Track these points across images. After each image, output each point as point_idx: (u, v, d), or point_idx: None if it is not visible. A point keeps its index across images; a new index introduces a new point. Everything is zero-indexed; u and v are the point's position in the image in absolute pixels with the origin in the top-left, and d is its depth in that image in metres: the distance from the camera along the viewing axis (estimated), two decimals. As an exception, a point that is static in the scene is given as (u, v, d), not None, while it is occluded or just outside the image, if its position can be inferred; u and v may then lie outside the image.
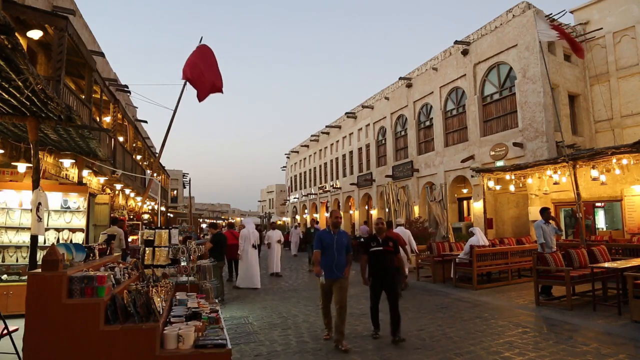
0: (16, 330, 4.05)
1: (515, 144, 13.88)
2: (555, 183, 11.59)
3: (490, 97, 15.62)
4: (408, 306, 7.51)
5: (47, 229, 7.09)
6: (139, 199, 16.65)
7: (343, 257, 5.38)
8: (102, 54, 12.47)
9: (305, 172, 36.62)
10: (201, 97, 9.85)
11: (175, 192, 47.56)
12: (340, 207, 28.85)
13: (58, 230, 7.58)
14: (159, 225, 11.75)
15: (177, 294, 4.83)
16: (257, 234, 11.36)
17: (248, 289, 10.03)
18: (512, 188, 12.81)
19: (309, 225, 23.12)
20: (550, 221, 8.34)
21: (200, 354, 3.09)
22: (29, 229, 5.87)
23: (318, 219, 30.13)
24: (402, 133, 21.19)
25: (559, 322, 6.17)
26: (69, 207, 7.73)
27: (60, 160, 8.07)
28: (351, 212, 27.41)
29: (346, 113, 27.05)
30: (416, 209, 18.51)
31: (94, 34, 12.86)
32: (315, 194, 33.00)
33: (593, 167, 9.94)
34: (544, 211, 8.39)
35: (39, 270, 3.22)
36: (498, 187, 13.21)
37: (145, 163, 19.69)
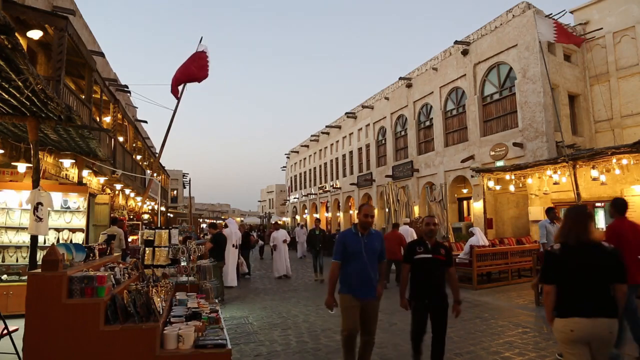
0: (16, 330, 4.05)
1: (515, 144, 13.88)
2: (555, 183, 11.59)
3: (490, 97, 15.62)
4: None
5: (48, 229, 7.09)
6: (139, 199, 16.65)
7: (376, 270, 3.96)
8: (102, 54, 12.47)
9: (305, 172, 36.62)
10: (175, 90, 10.08)
11: (175, 192, 47.57)
12: (340, 207, 28.84)
13: (58, 230, 7.58)
14: (159, 225, 11.76)
15: (177, 294, 4.83)
16: (240, 233, 11.36)
17: (248, 289, 10.03)
18: (512, 188, 12.81)
19: (310, 225, 22.50)
20: (555, 221, 8.31)
21: (200, 354, 3.09)
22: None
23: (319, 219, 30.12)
24: (402, 133, 21.19)
25: (559, 322, 6.17)
26: (69, 207, 7.73)
27: (60, 160, 8.07)
28: (351, 212, 27.42)
29: (346, 113, 27.05)
30: (416, 209, 18.51)
31: (94, 34, 12.86)
32: (315, 194, 33.00)
33: (593, 167, 9.94)
34: (550, 211, 8.36)
35: (39, 270, 3.22)
36: (498, 187, 13.21)
37: (145, 163, 19.70)
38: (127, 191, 14.66)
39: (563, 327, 2.71)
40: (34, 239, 5.08)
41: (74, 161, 8.24)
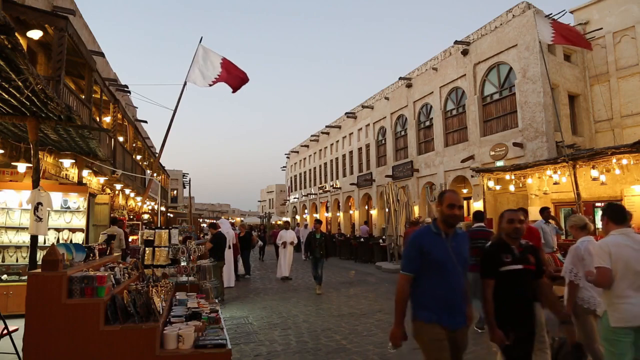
0: (16, 330, 4.05)
1: (515, 144, 13.89)
2: (555, 183, 11.58)
3: (490, 97, 15.62)
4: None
5: (47, 229, 7.09)
6: (139, 199, 16.65)
7: (465, 285, 2.82)
8: (102, 54, 12.47)
9: (305, 172, 36.62)
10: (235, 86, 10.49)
11: (175, 192, 47.58)
12: (340, 207, 28.85)
13: (58, 230, 7.59)
14: (159, 225, 11.76)
15: (177, 294, 4.84)
16: (233, 233, 11.30)
17: (248, 289, 10.02)
18: (512, 188, 12.81)
19: (307, 226, 20.63)
20: (550, 221, 8.33)
21: (200, 354, 3.09)
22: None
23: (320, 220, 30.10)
24: (402, 133, 21.19)
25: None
26: (69, 207, 7.73)
27: (60, 160, 8.07)
28: (351, 212, 27.42)
29: (346, 113, 27.05)
30: (416, 209, 18.52)
31: (94, 34, 12.86)
32: (315, 194, 33.01)
33: (593, 167, 9.94)
34: (544, 211, 8.37)
35: (39, 270, 3.22)
36: (498, 187, 13.20)
37: (145, 163, 19.70)
38: (127, 191, 14.66)
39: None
40: (34, 239, 5.08)
41: (74, 161, 8.24)
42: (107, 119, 12.33)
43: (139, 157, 18.05)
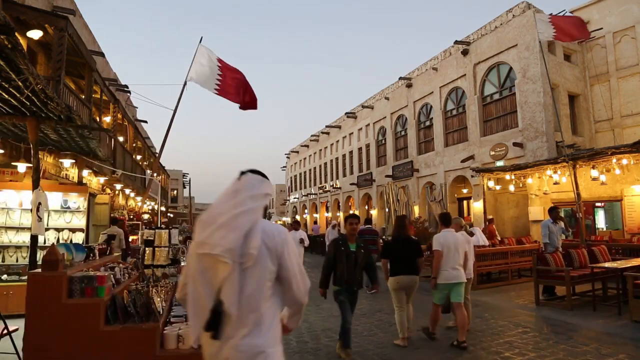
0: (16, 330, 4.05)
1: (515, 144, 13.88)
2: (555, 183, 11.59)
3: (490, 97, 15.62)
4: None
5: (47, 229, 7.09)
6: (139, 199, 16.65)
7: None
8: (102, 54, 12.47)
9: (305, 172, 36.62)
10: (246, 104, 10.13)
11: (175, 192, 47.57)
12: (340, 207, 28.85)
13: (58, 230, 7.58)
14: (159, 225, 11.76)
15: (177, 294, 4.82)
16: None
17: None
18: (512, 188, 12.81)
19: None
20: (558, 221, 8.31)
21: (200, 354, 3.08)
22: (29, 229, 5.87)
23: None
24: (402, 133, 21.19)
25: (559, 322, 6.17)
26: (69, 207, 7.73)
27: (60, 160, 8.07)
28: (351, 212, 27.43)
29: (346, 113, 27.05)
30: (416, 209, 18.51)
31: (94, 34, 12.86)
32: (315, 194, 33.00)
33: (593, 167, 9.94)
34: (552, 210, 8.35)
35: (39, 270, 3.22)
36: (498, 187, 13.21)
37: (145, 163, 19.69)
38: (127, 191, 14.66)
39: (393, 281, 5.23)
40: (34, 239, 5.07)
41: (74, 161, 8.24)
42: (107, 119, 12.33)
43: (139, 157, 18.05)
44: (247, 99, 10.19)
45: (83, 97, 9.13)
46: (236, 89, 10.13)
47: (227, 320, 1.67)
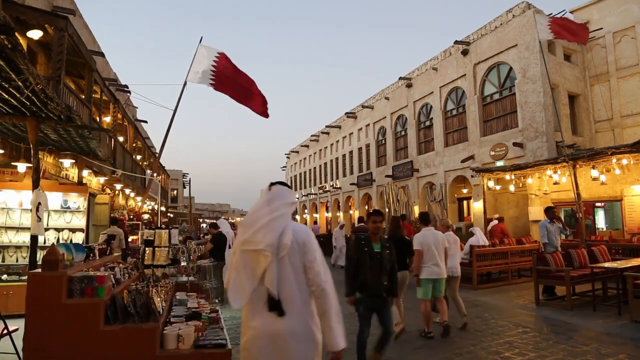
0: (16, 330, 4.05)
1: (515, 144, 13.88)
2: (555, 183, 11.58)
3: (490, 97, 15.62)
4: (408, 306, 7.50)
5: (47, 229, 7.09)
6: (139, 199, 16.65)
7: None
8: (102, 54, 12.47)
9: (305, 172, 36.62)
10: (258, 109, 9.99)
11: (175, 192, 47.56)
12: (340, 207, 28.84)
13: (58, 230, 7.58)
14: (159, 225, 11.76)
15: (177, 294, 4.83)
16: (232, 233, 11.28)
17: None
18: (512, 188, 12.81)
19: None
20: (555, 220, 8.32)
21: (200, 354, 3.08)
22: (29, 229, 5.87)
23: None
24: (402, 133, 21.19)
25: (559, 322, 6.17)
26: (69, 207, 7.73)
27: (60, 160, 8.07)
28: (351, 212, 27.41)
29: (346, 113, 27.05)
30: (416, 209, 18.50)
31: (94, 34, 12.86)
32: (315, 194, 33.00)
33: (593, 167, 9.94)
34: (549, 210, 8.36)
35: (39, 270, 3.22)
36: (498, 187, 13.21)
37: (145, 163, 19.69)
38: (127, 191, 14.66)
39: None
40: (34, 239, 5.07)
41: (74, 161, 8.24)
42: (107, 119, 12.33)
43: (139, 157, 18.05)
44: (255, 103, 10.10)
45: (83, 97, 9.13)
46: (239, 90, 10.03)
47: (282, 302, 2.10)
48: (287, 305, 2.11)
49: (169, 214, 29.68)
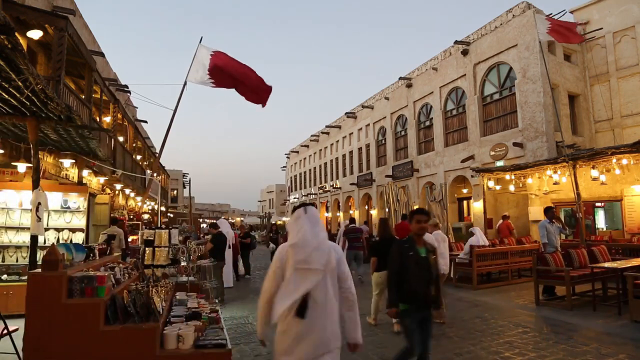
0: (16, 330, 4.05)
1: (515, 144, 13.88)
2: (555, 183, 11.58)
3: (490, 97, 15.62)
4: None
5: (47, 229, 7.09)
6: (139, 199, 16.65)
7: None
8: (102, 54, 12.47)
9: (305, 172, 36.62)
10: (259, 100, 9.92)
11: (175, 192, 47.56)
12: (340, 207, 28.85)
13: (58, 230, 7.58)
14: (159, 225, 11.76)
15: (177, 294, 4.83)
16: (232, 233, 11.34)
17: (248, 289, 10.02)
18: (512, 188, 12.81)
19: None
20: (554, 220, 8.32)
21: (200, 354, 3.08)
22: (29, 228, 5.87)
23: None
24: (402, 133, 21.19)
25: (559, 322, 6.17)
26: (69, 207, 7.73)
27: (60, 160, 8.07)
28: (351, 212, 27.41)
29: (346, 113, 27.05)
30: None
31: (94, 34, 12.85)
32: (315, 194, 33.00)
33: (593, 167, 9.94)
34: (548, 210, 8.36)
35: (39, 270, 3.22)
36: (498, 187, 13.21)
37: (145, 163, 19.69)
38: (127, 191, 14.66)
39: (377, 275, 6.18)
40: (34, 239, 5.07)
41: (74, 161, 8.24)
42: (107, 119, 12.33)
43: (139, 157, 18.05)
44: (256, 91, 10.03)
45: (83, 97, 9.12)
46: (240, 81, 9.96)
47: (312, 309, 2.49)
48: (320, 311, 2.51)
49: (169, 214, 29.68)
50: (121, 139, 13.48)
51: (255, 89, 9.88)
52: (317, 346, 2.49)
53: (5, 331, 3.99)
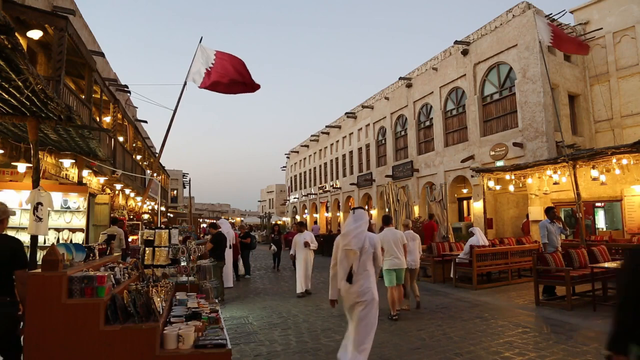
0: (16, 330, 4.04)
1: (515, 144, 13.89)
2: (555, 183, 11.58)
3: (490, 97, 15.62)
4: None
5: (47, 229, 7.08)
6: (139, 199, 16.65)
7: None
8: (102, 54, 12.47)
9: (305, 172, 36.62)
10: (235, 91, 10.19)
11: (175, 192, 47.56)
12: (340, 207, 28.84)
13: (58, 230, 7.58)
14: (159, 225, 11.76)
15: (177, 294, 4.83)
16: (233, 233, 11.36)
17: (248, 289, 10.02)
18: (512, 188, 12.82)
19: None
20: (555, 221, 8.32)
21: (200, 354, 3.08)
22: (28, 228, 5.86)
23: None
24: (402, 133, 21.19)
25: (559, 322, 6.17)
26: (69, 207, 7.73)
27: (60, 160, 8.07)
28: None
29: (346, 113, 27.05)
30: (416, 209, 18.51)
31: (94, 34, 12.86)
32: (315, 194, 33.00)
33: (593, 167, 9.94)
34: (549, 210, 8.36)
35: (39, 270, 3.22)
36: (498, 187, 13.21)
37: (145, 163, 19.69)
38: (127, 191, 14.66)
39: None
40: (34, 239, 5.08)
41: (74, 161, 8.24)
42: (107, 119, 12.33)
43: (139, 157, 18.05)
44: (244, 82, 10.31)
45: (83, 97, 9.13)
46: (232, 75, 10.19)
47: (355, 275, 4.05)
48: (359, 277, 4.05)
49: (168, 214, 29.68)
50: (121, 139, 13.48)
51: (246, 81, 10.15)
52: (355, 297, 4.01)
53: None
